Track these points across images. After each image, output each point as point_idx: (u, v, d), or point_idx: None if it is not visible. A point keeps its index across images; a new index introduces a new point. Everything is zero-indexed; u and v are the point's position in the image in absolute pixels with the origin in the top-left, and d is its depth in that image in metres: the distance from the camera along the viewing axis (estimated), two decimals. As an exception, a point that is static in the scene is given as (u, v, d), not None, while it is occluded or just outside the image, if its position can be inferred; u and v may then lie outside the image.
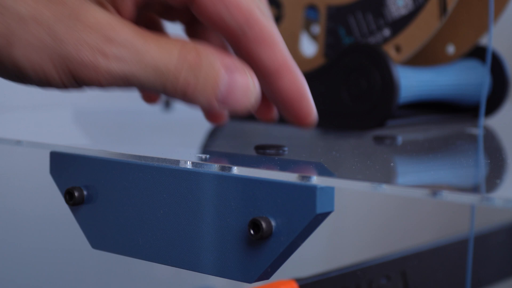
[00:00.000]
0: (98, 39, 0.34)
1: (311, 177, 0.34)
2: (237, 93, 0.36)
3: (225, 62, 0.36)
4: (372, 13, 0.58)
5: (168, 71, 0.35)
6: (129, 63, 0.35)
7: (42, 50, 0.34)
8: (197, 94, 0.35)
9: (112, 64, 0.34)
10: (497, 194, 0.32)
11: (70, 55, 0.34)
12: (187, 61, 0.35)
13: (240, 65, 0.36)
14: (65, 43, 0.34)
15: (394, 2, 0.57)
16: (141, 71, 0.35)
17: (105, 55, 0.34)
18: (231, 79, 0.36)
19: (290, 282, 0.48)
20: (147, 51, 0.35)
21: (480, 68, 0.63)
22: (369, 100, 0.55)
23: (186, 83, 0.35)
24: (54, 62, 0.34)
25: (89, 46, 0.34)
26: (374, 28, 0.58)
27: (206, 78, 0.35)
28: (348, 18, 0.59)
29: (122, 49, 0.34)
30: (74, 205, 0.41)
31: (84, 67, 0.34)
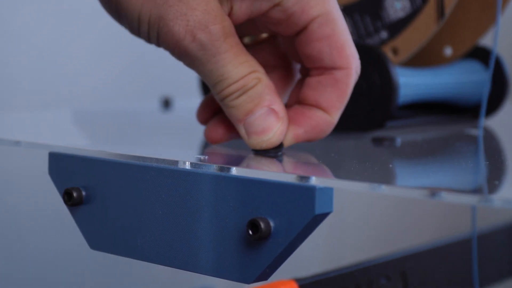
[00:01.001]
0: (197, 20, 0.38)
1: (310, 177, 0.34)
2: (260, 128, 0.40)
3: (273, 101, 0.40)
4: (369, 15, 0.58)
5: (226, 78, 0.39)
6: (207, 54, 0.38)
7: (148, 3, 0.38)
8: (232, 106, 0.40)
9: (193, 46, 0.38)
10: (496, 195, 0.32)
11: (168, 19, 0.38)
12: (245, 81, 0.39)
13: (282, 113, 0.40)
14: (171, 7, 0.38)
15: (392, 4, 0.57)
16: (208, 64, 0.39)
17: (193, 36, 0.38)
18: (265, 115, 0.40)
19: (289, 282, 0.48)
20: (226, 54, 0.39)
21: (479, 68, 0.63)
22: (368, 101, 0.55)
23: (230, 94, 0.40)
24: (152, 15, 0.38)
25: (186, 23, 0.38)
26: (372, 30, 0.58)
27: (248, 100, 0.40)
28: (346, 19, 0.59)
29: (209, 40, 0.38)
30: (72, 205, 0.41)
31: (170, 35, 0.38)
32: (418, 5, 0.56)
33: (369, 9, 0.58)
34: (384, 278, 0.54)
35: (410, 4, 0.57)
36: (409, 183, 0.38)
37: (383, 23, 0.57)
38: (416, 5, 0.56)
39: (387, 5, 0.57)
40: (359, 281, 0.52)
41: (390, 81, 0.54)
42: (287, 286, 0.47)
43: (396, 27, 0.57)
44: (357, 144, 0.52)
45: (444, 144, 0.55)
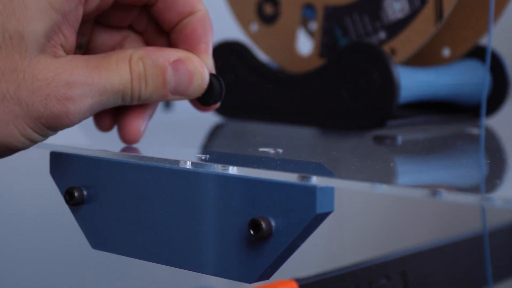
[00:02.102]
0: (60, 88, 0.38)
1: (311, 177, 0.34)
2: (185, 82, 0.41)
3: (168, 57, 0.41)
4: (368, 15, 0.58)
5: (124, 88, 0.40)
6: (93, 96, 0.39)
7: (17, 121, 0.38)
8: (150, 95, 0.41)
9: (79, 104, 0.38)
10: (497, 194, 0.32)
11: (42, 114, 0.38)
12: (136, 72, 0.40)
13: (185, 54, 0.41)
14: (34, 105, 0.37)
15: (391, 5, 0.57)
16: (104, 98, 0.39)
17: (71, 99, 0.38)
18: (176, 70, 0.41)
19: (290, 282, 0.48)
20: (104, 80, 0.39)
21: (480, 68, 0.63)
22: (369, 100, 0.55)
23: (139, 90, 0.40)
24: (31, 126, 0.38)
25: (55, 98, 0.38)
26: (370, 30, 0.58)
27: (153, 78, 0.40)
28: (345, 19, 0.59)
29: (83, 87, 0.38)
30: (74, 205, 0.41)
31: (57, 118, 0.38)
32: (417, 7, 0.56)
33: (368, 9, 0.58)
34: (384, 278, 0.54)
35: (409, 5, 0.57)
36: (410, 182, 0.38)
37: (382, 24, 0.57)
38: (415, 7, 0.56)
39: (386, 5, 0.57)
40: (359, 281, 0.52)
41: (391, 80, 0.54)
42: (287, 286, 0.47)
43: (394, 28, 0.57)
44: (358, 142, 0.52)
45: (445, 143, 0.55)
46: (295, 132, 0.56)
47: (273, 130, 0.57)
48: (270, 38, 0.62)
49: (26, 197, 0.89)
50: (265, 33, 0.62)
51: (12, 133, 0.38)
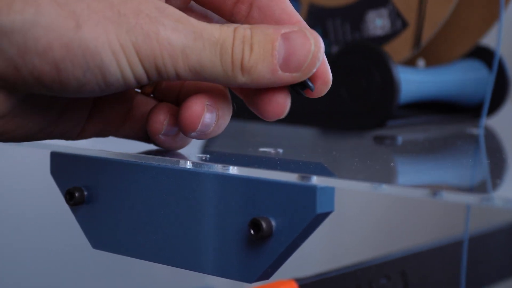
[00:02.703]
0: (153, 10, 0.33)
1: (311, 177, 0.34)
2: (298, 53, 0.35)
3: (278, 29, 0.35)
4: (350, 24, 0.58)
5: (223, 42, 0.34)
6: (185, 34, 0.34)
7: (107, 26, 0.33)
8: (255, 64, 0.35)
9: (170, 33, 0.33)
10: (497, 194, 0.32)
11: (132, 26, 0.33)
12: (241, 34, 0.35)
13: (297, 27, 0.35)
14: (126, 15, 0.33)
15: (373, 20, 0.57)
16: (197, 43, 0.34)
17: (163, 24, 0.33)
18: (287, 40, 0.35)
19: (290, 282, 0.48)
20: (199, 24, 0.34)
21: (480, 68, 0.63)
22: (369, 100, 0.55)
23: (241, 53, 0.34)
24: (120, 40, 0.33)
25: (147, 16, 0.33)
26: (349, 39, 0.58)
27: (261, 44, 0.35)
28: (327, 22, 0.59)
29: (175, 21, 0.34)
30: (74, 205, 0.41)
31: (147, 37, 0.33)
32: (398, 29, 0.57)
33: (351, 18, 0.58)
34: (384, 278, 0.54)
35: (390, 25, 0.57)
36: (410, 182, 0.38)
37: (361, 35, 0.58)
38: (396, 28, 0.57)
39: (368, 19, 0.58)
40: (359, 281, 0.52)
41: (392, 80, 0.54)
42: (287, 286, 0.47)
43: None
44: (358, 142, 0.52)
45: (445, 143, 0.55)
46: (296, 132, 0.56)
47: (273, 130, 0.57)
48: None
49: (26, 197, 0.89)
50: None
51: (100, 39, 0.33)
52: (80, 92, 0.34)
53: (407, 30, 0.56)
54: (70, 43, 0.32)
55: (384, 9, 0.57)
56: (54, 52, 0.32)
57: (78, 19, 0.32)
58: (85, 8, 0.33)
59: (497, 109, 0.63)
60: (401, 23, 0.56)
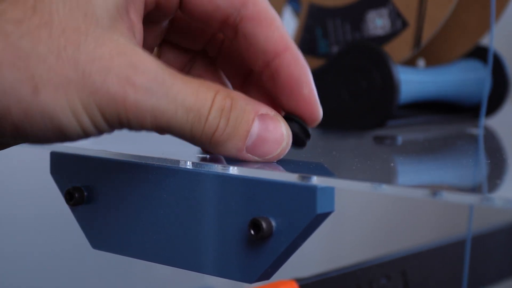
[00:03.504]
0: (124, 68, 0.32)
1: (311, 177, 0.34)
2: (269, 141, 0.35)
3: (257, 108, 0.34)
4: (350, 24, 0.58)
5: (197, 110, 0.33)
6: (158, 96, 0.32)
7: (68, 89, 0.32)
8: (225, 139, 0.34)
9: (140, 96, 0.32)
10: (497, 194, 0.32)
11: (97, 88, 0.32)
12: (219, 103, 0.34)
13: (273, 112, 0.35)
14: (91, 75, 0.32)
15: (373, 20, 0.57)
16: (169, 107, 0.33)
17: (133, 85, 0.32)
18: (263, 124, 0.35)
19: (290, 282, 0.48)
20: (173, 86, 0.33)
21: (480, 68, 0.63)
22: (369, 100, 0.55)
23: (215, 126, 0.34)
24: (83, 101, 0.32)
25: (116, 76, 0.32)
26: (349, 39, 0.58)
27: (237, 122, 0.34)
28: (327, 21, 0.59)
29: (149, 80, 0.32)
30: (74, 205, 0.41)
31: (112, 101, 0.32)
32: (398, 28, 0.57)
33: (351, 18, 0.58)
34: (384, 278, 0.54)
35: (390, 24, 0.57)
36: (410, 182, 0.38)
37: (361, 35, 0.58)
38: (396, 28, 0.57)
39: (368, 19, 0.58)
40: (359, 281, 0.52)
41: (391, 80, 0.54)
42: (287, 286, 0.47)
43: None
44: (358, 142, 0.52)
45: (445, 143, 0.55)
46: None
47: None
48: None
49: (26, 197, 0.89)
50: None
51: (60, 102, 0.32)
52: (41, 143, 0.34)
53: (407, 30, 0.56)
54: (28, 108, 0.32)
55: (384, 9, 0.57)
56: (13, 116, 0.32)
57: (37, 84, 0.31)
58: (45, 70, 0.32)
59: (497, 109, 0.63)
60: (401, 23, 0.56)
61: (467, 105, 0.64)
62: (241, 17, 0.36)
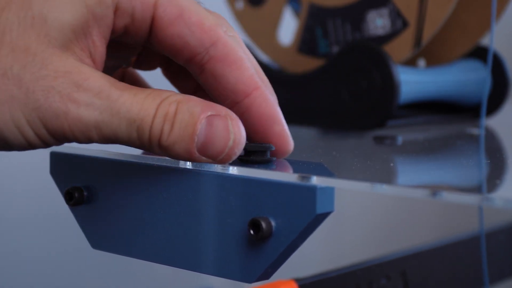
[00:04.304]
0: (67, 86, 0.33)
1: (311, 177, 0.34)
2: (216, 142, 0.35)
3: (206, 109, 0.35)
4: (351, 24, 0.58)
5: (141, 119, 0.34)
6: (101, 110, 0.34)
7: (12, 105, 0.33)
8: (172, 143, 0.34)
9: (82, 111, 0.33)
10: (497, 194, 0.32)
11: (40, 104, 0.33)
12: (163, 109, 0.34)
13: (224, 111, 0.35)
14: (34, 93, 0.33)
15: (373, 20, 0.57)
16: (113, 119, 0.34)
17: (75, 101, 0.33)
18: (210, 125, 0.34)
19: (289, 282, 0.48)
20: (119, 98, 0.34)
21: (480, 68, 0.63)
22: (369, 100, 0.55)
23: (159, 131, 0.34)
24: (26, 116, 0.33)
25: (58, 93, 0.33)
26: (350, 39, 0.58)
27: (182, 125, 0.34)
28: (327, 22, 0.59)
29: (92, 96, 0.34)
30: (74, 205, 0.41)
31: (55, 116, 0.33)
32: (398, 28, 0.57)
33: (351, 18, 0.58)
34: (384, 278, 0.54)
35: (390, 24, 0.57)
36: (410, 182, 0.38)
37: (362, 35, 0.58)
38: (396, 28, 0.57)
39: (369, 19, 0.58)
40: (359, 281, 0.52)
41: (391, 80, 0.54)
42: (286, 286, 0.47)
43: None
44: (358, 142, 0.52)
45: (445, 143, 0.55)
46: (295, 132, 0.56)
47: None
48: (253, 20, 0.63)
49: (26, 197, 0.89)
50: (249, 13, 0.63)
51: (3, 117, 0.33)
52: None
53: (407, 29, 0.56)
54: None
55: (385, 9, 0.57)
56: None
57: None
58: None
59: (497, 109, 0.63)
60: (401, 22, 0.56)
61: (467, 105, 0.64)
62: (209, 57, 0.36)
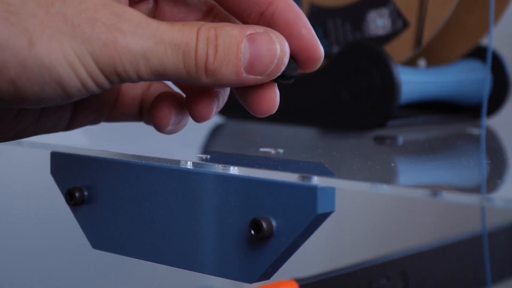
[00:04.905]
0: (110, 16, 0.33)
1: (312, 177, 0.34)
2: (263, 56, 0.35)
3: (244, 29, 0.35)
4: (351, 24, 0.58)
5: (185, 44, 0.34)
6: (146, 38, 0.33)
7: (61, 39, 0.32)
8: (219, 66, 0.34)
9: (129, 39, 0.33)
10: (497, 194, 0.32)
11: (88, 36, 0.32)
12: (204, 34, 0.34)
13: (263, 28, 0.35)
14: (80, 26, 0.32)
15: (374, 20, 0.57)
16: (158, 47, 0.33)
17: (120, 30, 0.33)
18: (253, 42, 0.34)
19: (290, 282, 0.48)
20: (159, 27, 0.34)
21: (480, 68, 0.63)
22: (369, 100, 0.55)
23: (205, 55, 0.34)
24: (76, 51, 0.33)
25: (103, 24, 0.33)
26: (350, 39, 0.58)
27: (226, 46, 0.34)
28: (328, 22, 0.59)
29: (135, 26, 0.33)
30: (74, 205, 0.41)
31: (104, 46, 0.33)
32: (399, 28, 0.57)
33: (352, 18, 0.58)
34: (384, 278, 0.54)
35: (391, 24, 0.57)
36: (410, 182, 0.38)
37: (362, 35, 0.58)
38: (396, 28, 0.57)
39: (369, 19, 0.58)
40: (359, 281, 0.52)
41: (392, 80, 0.54)
42: (287, 286, 0.47)
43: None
44: (358, 143, 0.52)
45: (446, 143, 0.55)
46: (296, 132, 0.56)
47: (274, 130, 0.57)
48: None
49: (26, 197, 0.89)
50: None
51: (55, 53, 0.32)
52: (41, 104, 0.34)
53: (407, 30, 0.56)
54: (25, 61, 0.32)
55: (385, 9, 0.57)
56: (10, 71, 0.32)
57: (31, 36, 0.32)
58: (38, 24, 0.32)
59: (498, 109, 0.63)
60: (402, 23, 0.56)
61: (467, 105, 0.64)
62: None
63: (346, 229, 1.26)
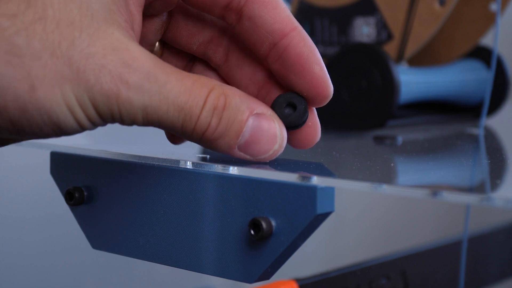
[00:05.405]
0: (117, 64, 0.32)
1: (311, 177, 0.34)
2: (262, 142, 0.35)
3: (252, 106, 0.34)
4: (338, 27, 0.58)
5: (189, 108, 0.33)
6: (150, 95, 0.33)
7: (64, 85, 0.32)
8: (217, 137, 0.34)
9: (133, 94, 0.32)
10: (497, 194, 0.32)
11: (91, 85, 0.32)
12: (212, 102, 0.34)
13: (269, 112, 0.35)
14: (85, 72, 0.32)
15: (360, 26, 0.58)
16: (161, 105, 0.33)
17: (125, 82, 0.32)
18: (256, 125, 0.34)
19: (290, 282, 0.48)
20: (167, 83, 0.33)
21: (480, 68, 0.63)
22: (369, 100, 0.55)
23: (206, 125, 0.34)
24: (78, 98, 0.32)
25: (109, 73, 0.32)
26: (335, 41, 0.58)
27: (229, 122, 0.34)
28: (315, 20, 0.59)
29: (142, 79, 0.32)
30: (74, 205, 0.41)
31: (106, 97, 0.32)
32: (383, 39, 0.57)
33: (340, 20, 0.58)
34: (384, 278, 0.54)
35: (376, 34, 0.57)
36: (410, 182, 0.38)
37: (346, 40, 0.58)
38: (381, 38, 0.57)
39: (356, 25, 0.58)
40: (359, 281, 0.52)
41: (392, 80, 0.54)
42: (287, 286, 0.47)
43: None
44: (358, 142, 0.52)
45: (445, 143, 0.55)
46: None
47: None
48: None
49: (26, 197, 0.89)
50: None
51: (56, 98, 0.32)
52: (36, 137, 0.34)
53: (391, 42, 0.56)
54: (25, 106, 0.32)
55: (372, 18, 0.57)
56: (10, 113, 0.32)
57: (34, 81, 0.32)
58: (41, 68, 0.32)
59: (497, 109, 0.63)
60: (386, 34, 0.57)
61: (467, 105, 0.64)
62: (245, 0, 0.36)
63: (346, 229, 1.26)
